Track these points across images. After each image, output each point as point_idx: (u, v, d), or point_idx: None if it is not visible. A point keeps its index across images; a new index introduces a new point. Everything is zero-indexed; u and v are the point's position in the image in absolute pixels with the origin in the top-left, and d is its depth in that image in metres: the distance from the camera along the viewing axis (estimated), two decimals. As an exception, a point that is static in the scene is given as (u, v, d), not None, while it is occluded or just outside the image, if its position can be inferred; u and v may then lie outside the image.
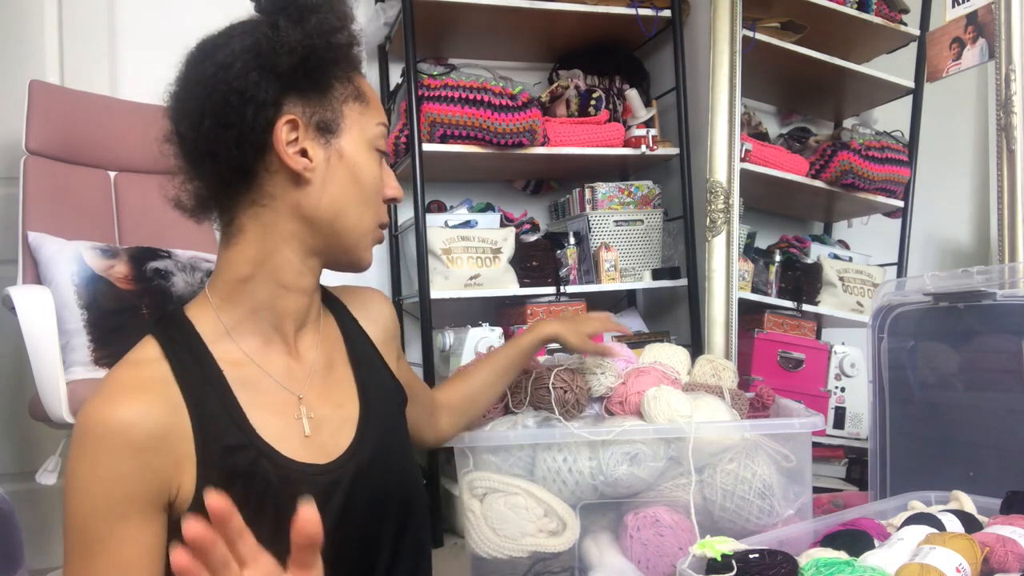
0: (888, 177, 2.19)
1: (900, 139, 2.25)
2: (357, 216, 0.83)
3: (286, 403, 0.80)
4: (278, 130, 0.77)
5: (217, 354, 0.78)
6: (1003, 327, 1.30)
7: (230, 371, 0.77)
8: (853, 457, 2.08)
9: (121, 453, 0.68)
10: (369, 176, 0.83)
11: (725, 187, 2.05)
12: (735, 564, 0.90)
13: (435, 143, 2.05)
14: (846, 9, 2.14)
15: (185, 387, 0.74)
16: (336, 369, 0.88)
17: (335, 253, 0.84)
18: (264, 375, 0.80)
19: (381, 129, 0.85)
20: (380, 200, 0.86)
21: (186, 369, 0.75)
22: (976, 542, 0.93)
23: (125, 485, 0.68)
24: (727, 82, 2.05)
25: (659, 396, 1.27)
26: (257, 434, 0.76)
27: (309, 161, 0.79)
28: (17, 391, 1.98)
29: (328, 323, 0.90)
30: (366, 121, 0.83)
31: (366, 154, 0.83)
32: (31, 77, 1.88)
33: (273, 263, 0.80)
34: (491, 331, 2.10)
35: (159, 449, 0.70)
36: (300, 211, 0.80)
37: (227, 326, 0.80)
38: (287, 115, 0.78)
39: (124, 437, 0.68)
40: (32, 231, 1.72)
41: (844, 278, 2.23)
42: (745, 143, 2.08)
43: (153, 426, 0.70)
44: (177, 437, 0.72)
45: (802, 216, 2.60)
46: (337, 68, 0.81)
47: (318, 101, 0.80)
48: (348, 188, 0.82)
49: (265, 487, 0.75)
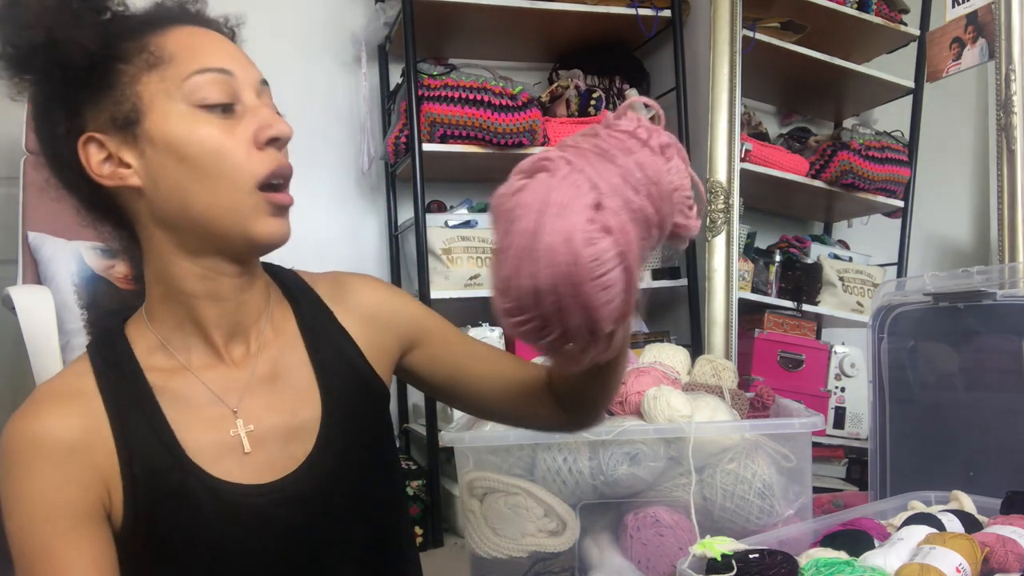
0: (888, 177, 2.19)
1: (900, 139, 2.25)
2: (206, 196, 0.69)
3: (221, 418, 0.74)
4: (81, 156, 0.70)
5: (149, 370, 0.73)
6: (1003, 327, 1.30)
7: (161, 387, 0.73)
8: (853, 457, 2.08)
9: (42, 465, 0.66)
10: (196, 144, 0.68)
11: (725, 187, 2.05)
12: (735, 564, 0.90)
13: (435, 143, 2.05)
14: (846, 9, 2.14)
15: (110, 404, 0.70)
16: (289, 374, 0.78)
17: (221, 244, 0.71)
18: (197, 390, 0.74)
19: (199, 79, 0.68)
20: (240, 158, 0.69)
21: (113, 387, 0.71)
22: (976, 542, 0.93)
23: (52, 498, 0.66)
24: (727, 82, 2.05)
25: (659, 396, 1.27)
26: (185, 454, 0.71)
27: (126, 168, 0.70)
28: (17, 391, 1.98)
29: (283, 322, 0.81)
30: (170, 83, 0.68)
31: (184, 122, 0.68)
32: (31, 77, 1.87)
33: (171, 275, 0.73)
34: (491, 331, 2.10)
35: (80, 461, 0.68)
36: (155, 220, 0.72)
37: (160, 340, 0.75)
38: (84, 134, 0.69)
39: (42, 449, 0.67)
40: (32, 231, 1.72)
41: (844, 278, 2.23)
42: (745, 143, 2.08)
43: (70, 436, 0.67)
44: (99, 452, 0.69)
45: (802, 216, 2.60)
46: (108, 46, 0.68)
47: (108, 97, 0.69)
48: (176, 173, 0.68)
49: (196, 511, 0.70)
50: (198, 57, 0.69)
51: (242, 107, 0.71)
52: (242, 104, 0.71)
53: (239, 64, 0.72)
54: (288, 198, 0.72)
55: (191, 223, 0.70)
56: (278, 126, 0.70)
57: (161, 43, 0.69)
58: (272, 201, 0.70)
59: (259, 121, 0.70)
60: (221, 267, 0.73)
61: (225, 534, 0.71)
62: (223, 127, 0.69)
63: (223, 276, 0.74)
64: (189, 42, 0.71)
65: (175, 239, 0.72)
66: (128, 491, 0.69)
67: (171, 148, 0.68)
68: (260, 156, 0.70)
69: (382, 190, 2.44)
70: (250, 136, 0.70)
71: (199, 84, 0.68)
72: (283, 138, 0.71)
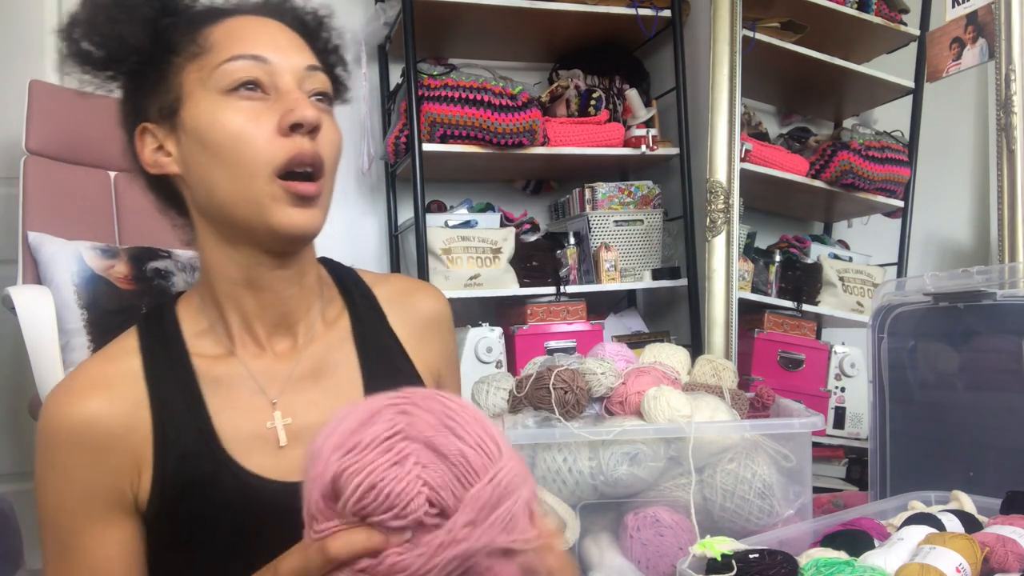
0: (888, 177, 2.19)
1: (900, 139, 2.25)
2: (227, 182, 0.68)
3: (259, 409, 0.73)
4: (137, 147, 0.73)
5: (195, 355, 0.73)
6: (1003, 327, 1.30)
7: (205, 373, 0.73)
8: (853, 457, 2.08)
9: (79, 452, 0.66)
10: (218, 130, 0.68)
11: (725, 187, 2.05)
12: (735, 564, 0.90)
13: (435, 143, 2.05)
14: (846, 9, 2.14)
15: (152, 386, 0.71)
16: (335, 372, 0.78)
17: (248, 234, 0.71)
18: (240, 378, 0.73)
19: (230, 66, 0.68)
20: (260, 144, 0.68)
21: (158, 368, 0.71)
22: (976, 542, 0.93)
23: (86, 484, 0.67)
24: (727, 82, 2.05)
25: (659, 396, 1.27)
26: (219, 444, 0.70)
27: (167, 156, 0.72)
28: (17, 391, 1.98)
29: (335, 320, 0.80)
30: (206, 72, 0.69)
31: (212, 109, 0.68)
32: (31, 77, 1.88)
33: (214, 263, 0.74)
34: (491, 331, 2.10)
35: (116, 448, 0.68)
36: (196, 207, 0.74)
37: (209, 324, 0.75)
38: (140, 125, 0.73)
39: (82, 436, 0.66)
40: (32, 231, 1.72)
41: (844, 278, 2.22)
42: (745, 143, 2.08)
43: (113, 424, 0.68)
44: (137, 436, 0.69)
45: (802, 216, 2.60)
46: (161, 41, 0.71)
47: (161, 88, 0.71)
48: (201, 159, 0.69)
49: (222, 501, 0.69)
50: (235, 45, 0.70)
51: (276, 94, 0.70)
52: (276, 91, 0.70)
53: (279, 51, 0.71)
54: (310, 187, 0.69)
55: (218, 211, 0.71)
56: (300, 111, 0.68)
57: (208, 34, 0.71)
58: (290, 190, 0.68)
59: (284, 106, 0.69)
60: (258, 258, 0.72)
61: (248, 527, 0.70)
62: (250, 114, 0.68)
63: (261, 267, 0.73)
64: (233, 31, 0.71)
65: (214, 228, 0.73)
66: (157, 474, 0.69)
67: (198, 134, 0.69)
68: (281, 142, 0.68)
69: (382, 190, 2.45)
70: (275, 122, 0.68)
71: (229, 71, 0.68)
72: (306, 124, 0.68)
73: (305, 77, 0.72)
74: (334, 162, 0.73)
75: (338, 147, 0.74)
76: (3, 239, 1.96)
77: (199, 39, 0.70)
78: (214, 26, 0.72)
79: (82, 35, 0.71)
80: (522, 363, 1.93)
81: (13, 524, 1.08)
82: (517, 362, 2.10)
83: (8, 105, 1.97)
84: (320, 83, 0.73)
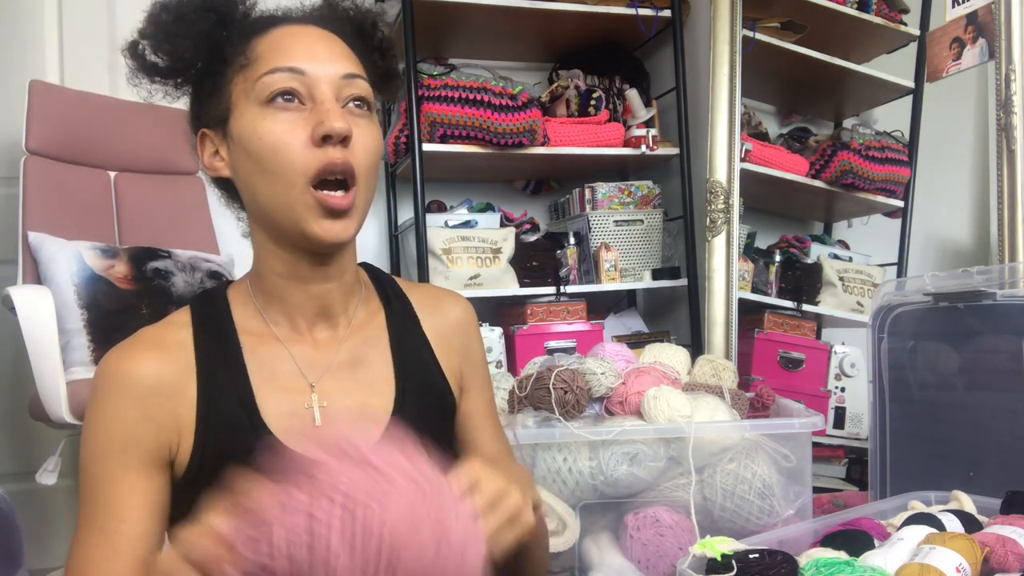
0: (888, 177, 2.19)
1: (900, 139, 2.25)
2: (268, 190, 0.73)
3: (299, 390, 0.78)
4: (199, 149, 0.79)
5: (242, 332, 0.79)
6: (1003, 327, 1.30)
7: (251, 349, 0.78)
8: (853, 457, 2.08)
9: (126, 399, 0.71)
10: (257, 140, 0.72)
11: (725, 187, 2.05)
12: (735, 564, 0.90)
13: (435, 143, 2.05)
14: (846, 9, 2.14)
15: (200, 358, 0.76)
16: (370, 365, 0.83)
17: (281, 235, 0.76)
18: (282, 360, 0.79)
19: (269, 78, 0.73)
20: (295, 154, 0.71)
21: (207, 342, 0.77)
22: (976, 542, 0.93)
23: (128, 431, 0.71)
24: (727, 82, 2.05)
25: (659, 396, 1.28)
26: (260, 418, 0.75)
27: (220, 161, 0.78)
28: (17, 391, 1.98)
29: (372, 316, 0.86)
30: (250, 84, 0.74)
31: (254, 119, 0.73)
32: (31, 77, 1.88)
33: (263, 256, 0.80)
34: (491, 331, 2.10)
35: (162, 405, 0.72)
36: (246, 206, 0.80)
37: (257, 308, 0.81)
38: (200, 131, 0.78)
39: (131, 385, 0.72)
40: (32, 231, 1.72)
41: (844, 278, 2.23)
42: (745, 143, 2.08)
43: (159, 382, 0.72)
44: (182, 401, 0.73)
45: (802, 216, 2.60)
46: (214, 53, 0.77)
47: (216, 97, 0.77)
48: (246, 166, 0.74)
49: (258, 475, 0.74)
50: (276, 56, 0.73)
51: (312, 104, 0.73)
52: (313, 101, 0.73)
53: (317, 62, 0.74)
54: (342, 201, 0.73)
55: (259, 212, 0.76)
56: (330, 122, 0.71)
57: (255, 45, 0.75)
58: (323, 202, 0.72)
59: (317, 118, 0.72)
60: (300, 256, 0.77)
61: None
62: (288, 124, 0.72)
63: (302, 263, 0.78)
64: (275, 42, 0.75)
65: (262, 226, 0.78)
66: (198, 442, 0.73)
67: (242, 143, 0.74)
68: (314, 152, 0.71)
69: (382, 190, 2.44)
70: (308, 133, 0.72)
71: (268, 83, 0.72)
72: (335, 135, 0.71)
73: (343, 86, 0.75)
74: (369, 168, 0.76)
75: (374, 152, 0.77)
76: (3, 239, 1.96)
77: (246, 51, 0.75)
78: (261, 37, 0.76)
79: (147, 49, 0.77)
80: (522, 363, 1.93)
81: (13, 524, 1.08)
82: (517, 362, 2.10)
83: (8, 105, 1.98)
84: (358, 89, 0.76)
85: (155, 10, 0.77)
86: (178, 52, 0.77)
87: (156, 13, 0.77)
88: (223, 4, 0.78)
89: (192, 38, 0.76)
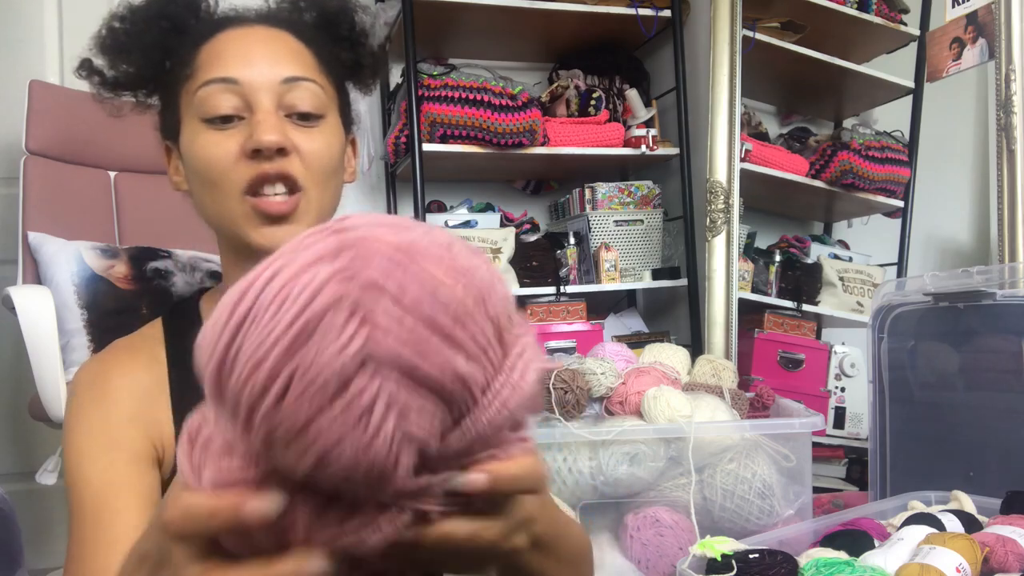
0: (888, 177, 2.19)
1: (900, 139, 2.25)
2: (209, 202, 0.72)
3: None
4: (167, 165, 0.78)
5: None
6: (1003, 327, 1.30)
7: None
8: (853, 457, 2.08)
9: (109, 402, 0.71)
10: (193, 156, 0.71)
11: (725, 187, 2.05)
12: (735, 564, 0.90)
13: (435, 143, 2.05)
14: (846, 9, 2.14)
15: (172, 373, 0.75)
16: None
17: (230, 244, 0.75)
18: None
19: (204, 91, 0.70)
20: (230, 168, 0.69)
21: (178, 357, 0.75)
22: (976, 542, 0.93)
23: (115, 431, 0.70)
24: (727, 82, 2.05)
25: (659, 396, 1.28)
26: None
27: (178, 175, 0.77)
28: (17, 391, 1.98)
29: None
30: (190, 96, 0.71)
31: (194, 133, 0.71)
32: (31, 77, 1.88)
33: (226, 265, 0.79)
34: (491, 331, 2.10)
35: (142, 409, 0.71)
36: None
37: None
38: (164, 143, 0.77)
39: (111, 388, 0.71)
40: (32, 231, 1.72)
41: (844, 278, 2.23)
42: (745, 143, 2.08)
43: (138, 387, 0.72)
44: (160, 410, 0.72)
45: (802, 216, 2.60)
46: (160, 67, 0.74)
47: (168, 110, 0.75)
48: (193, 180, 0.73)
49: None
50: (213, 67, 0.70)
51: (249, 114, 0.70)
52: (249, 111, 0.70)
53: (253, 67, 0.70)
54: (281, 206, 0.69)
55: (212, 227, 0.75)
56: (258, 136, 0.67)
57: (199, 53, 0.72)
58: (258, 208, 0.69)
59: (249, 130, 0.69)
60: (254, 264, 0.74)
61: None
62: (220, 138, 0.70)
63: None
64: (215, 49, 0.71)
65: (218, 237, 0.78)
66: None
67: (186, 159, 0.73)
68: (246, 163, 0.69)
69: (382, 190, 2.44)
70: (240, 146, 0.69)
71: (203, 97, 0.70)
72: (264, 150, 0.68)
73: (284, 91, 0.70)
74: (318, 173, 0.72)
75: (322, 158, 0.72)
76: (3, 239, 1.96)
77: (191, 60, 0.72)
78: (205, 44, 0.72)
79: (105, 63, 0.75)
80: (522, 363, 1.92)
81: (13, 524, 1.08)
82: (517, 362, 2.10)
83: (8, 105, 1.98)
84: (304, 92, 0.71)
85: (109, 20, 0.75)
86: (132, 64, 0.74)
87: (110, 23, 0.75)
88: (176, 12, 0.75)
89: (143, 49, 0.74)
